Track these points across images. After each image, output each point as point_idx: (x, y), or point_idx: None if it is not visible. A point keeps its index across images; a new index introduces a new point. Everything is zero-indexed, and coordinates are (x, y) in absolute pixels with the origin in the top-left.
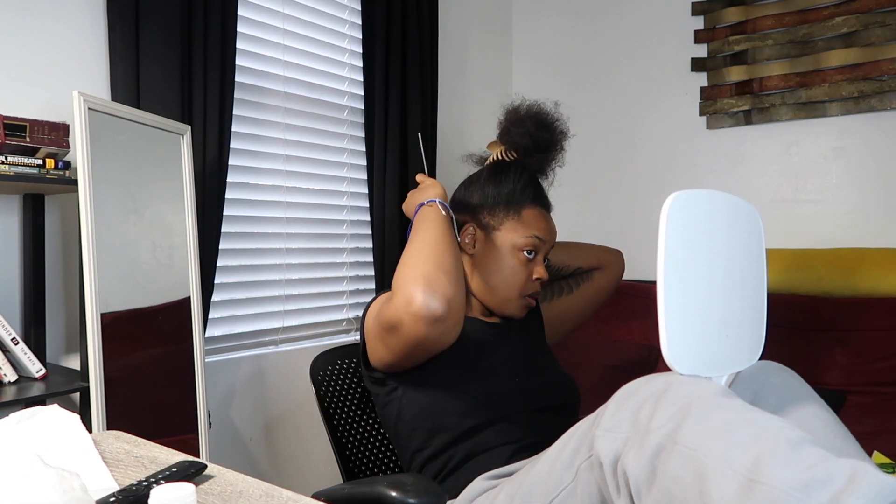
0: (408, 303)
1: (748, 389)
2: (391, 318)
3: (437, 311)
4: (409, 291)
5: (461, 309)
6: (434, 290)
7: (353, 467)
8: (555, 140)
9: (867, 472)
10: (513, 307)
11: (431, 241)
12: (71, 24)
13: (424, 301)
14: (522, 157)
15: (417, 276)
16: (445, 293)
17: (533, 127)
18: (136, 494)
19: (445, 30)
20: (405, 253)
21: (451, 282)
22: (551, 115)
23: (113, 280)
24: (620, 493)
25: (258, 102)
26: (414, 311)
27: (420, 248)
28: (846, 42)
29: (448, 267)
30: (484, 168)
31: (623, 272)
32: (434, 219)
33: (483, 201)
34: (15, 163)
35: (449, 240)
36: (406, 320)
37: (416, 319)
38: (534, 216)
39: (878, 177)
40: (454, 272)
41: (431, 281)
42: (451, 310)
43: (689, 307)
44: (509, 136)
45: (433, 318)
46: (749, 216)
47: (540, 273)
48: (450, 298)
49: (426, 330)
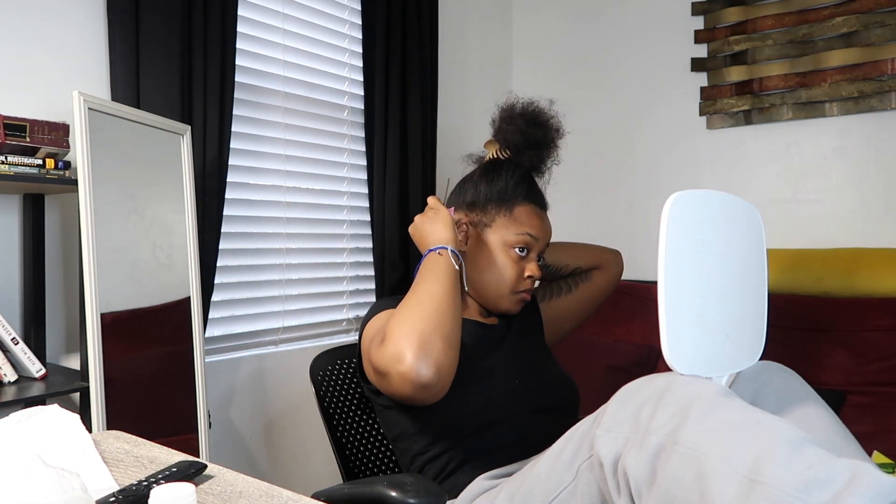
0: (398, 360)
1: (748, 390)
2: (380, 366)
3: (426, 378)
4: (401, 348)
5: (452, 374)
6: (426, 355)
7: (353, 467)
8: (548, 137)
9: (867, 472)
10: (506, 303)
11: (437, 297)
12: (71, 23)
13: (415, 365)
14: (515, 155)
15: (413, 333)
16: (437, 360)
17: (524, 124)
18: (136, 494)
19: (445, 30)
20: (407, 300)
21: (445, 348)
22: (545, 112)
23: (113, 280)
24: (621, 493)
25: (258, 102)
26: (402, 372)
27: (423, 302)
28: (846, 42)
29: (447, 331)
30: (478, 167)
31: (622, 272)
32: (444, 272)
33: (475, 199)
34: (15, 163)
35: (455, 299)
36: (394, 376)
37: (403, 380)
38: (526, 213)
39: (878, 177)
40: (452, 337)
41: (426, 344)
42: (441, 378)
43: (689, 307)
44: (502, 133)
45: (420, 385)
46: (749, 216)
47: (532, 270)
48: (440, 366)
49: (411, 392)
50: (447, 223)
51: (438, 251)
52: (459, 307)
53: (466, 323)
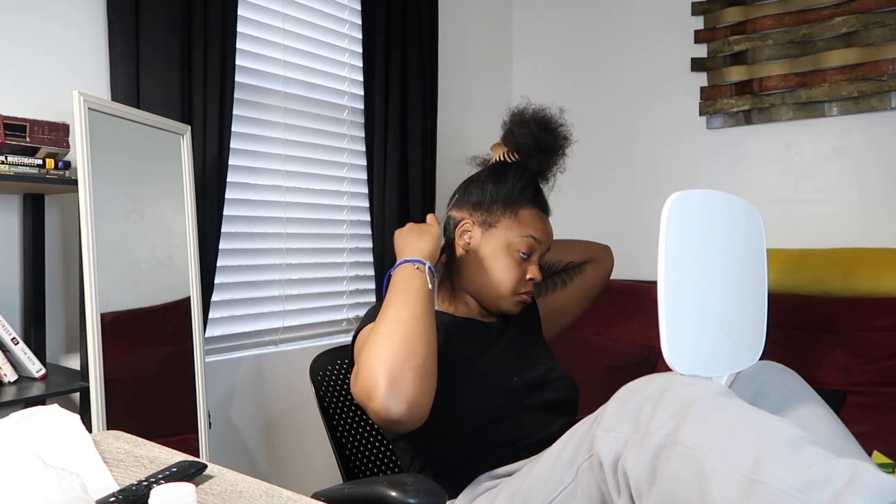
0: (368, 396)
1: (749, 390)
2: (357, 398)
3: (396, 414)
4: (371, 384)
5: (426, 404)
6: (397, 392)
7: (353, 467)
8: (557, 144)
9: (868, 472)
10: (506, 304)
11: (407, 324)
12: (71, 24)
13: (384, 402)
14: (524, 159)
15: (382, 367)
16: (408, 396)
17: (536, 129)
18: (136, 494)
19: (445, 29)
20: (378, 326)
21: (416, 380)
22: (555, 119)
23: (113, 280)
24: (621, 493)
25: (258, 102)
26: (373, 409)
27: (393, 331)
28: (846, 42)
29: (418, 361)
30: (485, 168)
31: (613, 265)
32: (416, 293)
33: (481, 199)
34: (15, 163)
35: (427, 324)
36: (368, 410)
37: (376, 415)
38: (531, 217)
39: (878, 177)
40: (424, 367)
41: (396, 378)
42: (413, 412)
43: (689, 307)
44: (512, 136)
45: (392, 420)
46: (750, 216)
47: (534, 273)
48: (411, 401)
49: (385, 426)
50: (435, 239)
51: (416, 265)
52: (432, 330)
53: (465, 322)
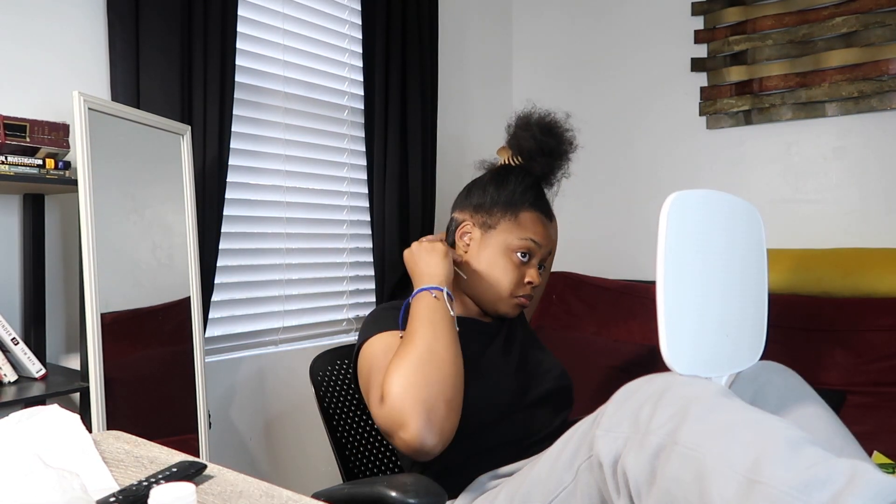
0: (401, 427)
1: (748, 390)
2: (382, 426)
3: (430, 446)
4: (404, 416)
5: (453, 435)
6: (431, 425)
7: (353, 467)
8: (562, 149)
9: (867, 472)
10: (503, 307)
11: (439, 355)
12: (71, 24)
13: (419, 435)
14: (527, 162)
15: (417, 400)
16: (442, 428)
17: (539, 132)
18: (136, 494)
19: (445, 30)
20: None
21: (449, 413)
22: (560, 124)
23: (113, 280)
24: (620, 493)
25: (258, 102)
26: (406, 440)
27: (426, 361)
28: (846, 42)
29: (450, 394)
30: (488, 171)
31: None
32: (442, 322)
33: (482, 201)
34: (15, 163)
35: (457, 354)
36: (396, 441)
37: (407, 447)
38: (531, 220)
39: (878, 177)
40: (455, 400)
41: (430, 412)
42: (444, 443)
43: (688, 307)
44: (516, 139)
45: (424, 452)
46: (750, 216)
47: (532, 277)
48: (445, 433)
49: (415, 454)
50: (444, 257)
51: (434, 294)
52: (461, 360)
53: (464, 322)
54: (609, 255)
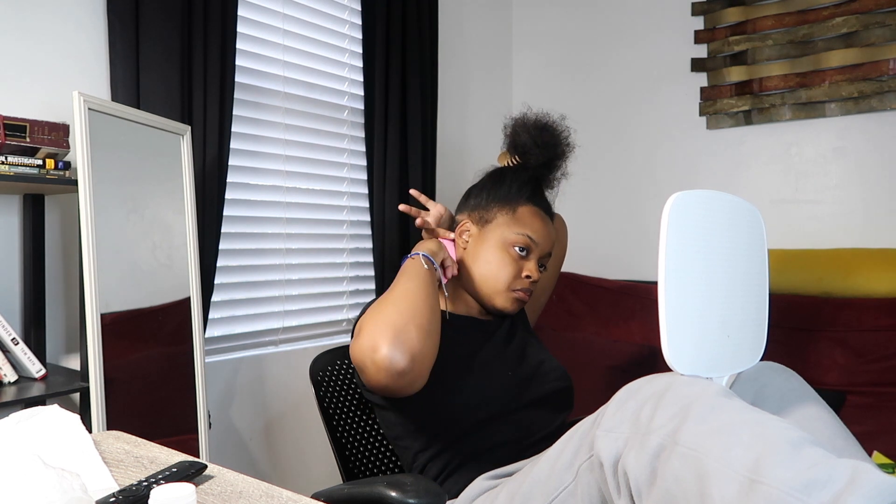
0: (372, 349)
1: (749, 390)
2: (356, 358)
3: (400, 364)
4: (374, 339)
5: (428, 363)
6: (401, 343)
7: (353, 467)
8: (559, 150)
9: (868, 473)
10: (501, 300)
11: (410, 291)
12: (71, 24)
13: (389, 353)
14: (523, 157)
15: (387, 325)
16: (412, 348)
17: (533, 127)
18: (136, 494)
19: (445, 29)
20: (380, 299)
21: (420, 336)
22: (557, 125)
23: (113, 280)
24: (621, 493)
25: (258, 102)
26: (377, 361)
27: (396, 298)
28: (846, 42)
29: (421, 321)
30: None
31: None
32: (416, 272)
33: (480, 199)
34: (15, 163)
35: (428, 292)
36: (369, 367)
37: (378, 369)
38: (528, 214)
39: (878, 177)
40: (427, 326)
41: (400, 333)
42: (416, 365)
43: (690, 308)
44: (512, 138)
45: (395, 372)
46: (751, 217)
47: (530, 271)
48: (415, 354)
49: (387, 381)
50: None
51: (412, 257)
52: (435, 301)
53: (462, 319)
54: (609, 255)
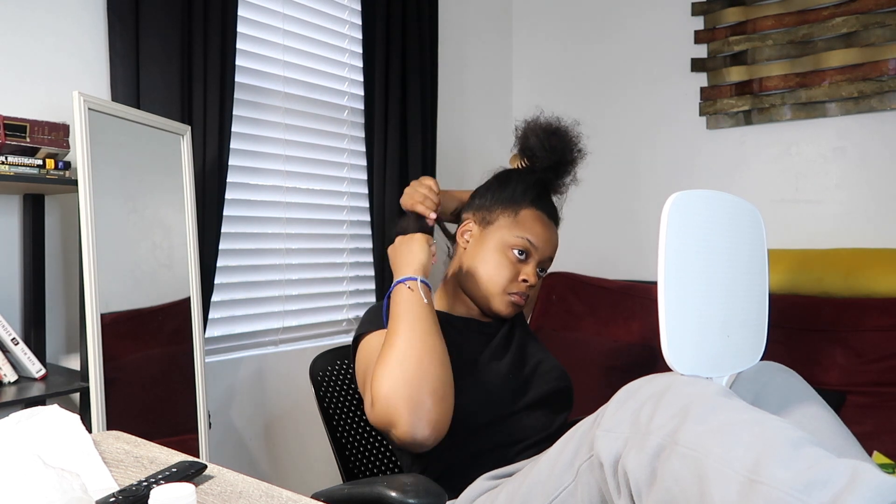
0: (391, 425)
1: (750, 390)
2: (376, 426)
3: (422, 437)
4: (391, 415)
5: (448, 418)
6: (419, 418)
7: (353, 467)
8: (566, 147)
9: (868, 473)
10: (497, 303)
11: (417, 347)
12: (71, 24)
13: (410, 429)
14: (531, 160)
15: (399, 398)
16: (430, 420)
17: (543, 131)
18: (136, 494)
19: (445, 30)
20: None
21: (435, 402)
22: (567, 129)
23: (113, 280)
24: (621, 493)
25: (258, 102)
26: (399, 435)
27: (405, 359)
28: (846, 42)
29: (434, 384)
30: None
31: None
32: (418, 313)
33: (484, 201)
34: (15, 163)
35: (436, 342)
36: (392, 438)
37: (401, 443)
38: (531, 218)
39: (879, 177)
40: (441, 389)
41: (418, 407)
42: (437, 432)
43: (689, 308)
44: (522, 139)
45: (418, 444)
46: (751, 217)
47: (528, 275)
48: (434, 423)
49: (413, 447)
50: (421, 244)
51: (408, 285)
52: (442, 347)
53: (462, 321)
54: (609, 255)
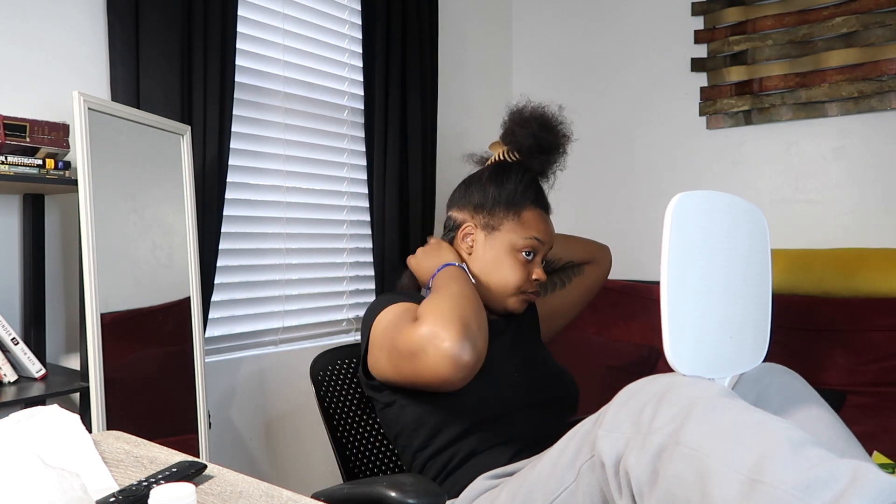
0: (439, 338)
1: (752, 391)
2: (413, 345)
3: (467, 359)
4: (442, 329)
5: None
6: (468, 338)
7: (353, 467)
8: (557, 143)
9: (869, 473)
10: (511, 304)
11: (466, 295)
12: (71, 24)
13: (459, 346)
14: (525, 159)
15: (455, 318)
16: (476, 344)
17: (537, 128)
18: (136, 494)
19: (445, 30)
20: (437, 295)
21: (481, 334)
22: (555, 117)
23: (113, 280)
24: (622, 493)
25: (258, 102)
26: (443, 350)
27: (456, 295)
28: (846, 42)
29: (482, 322)
30: (485, 168)
31: (611, 266)
32: (464, 279)
33: (483, 201)
34: (15, 163)
35: (478, 300)
36: (431, 355)
37: (442, 358)
38: (534, 218)
39: (878, 177)
40: (484, 327)
41: (469, 328)
42: (478, 363)
43: (692, 308)
44: (513, 136)
45: (460, 365)
46: (753, 218)
47: (538, 274)
48: (480, 352)
49: (448, 373)
50: (450, 251)
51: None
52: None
53: None
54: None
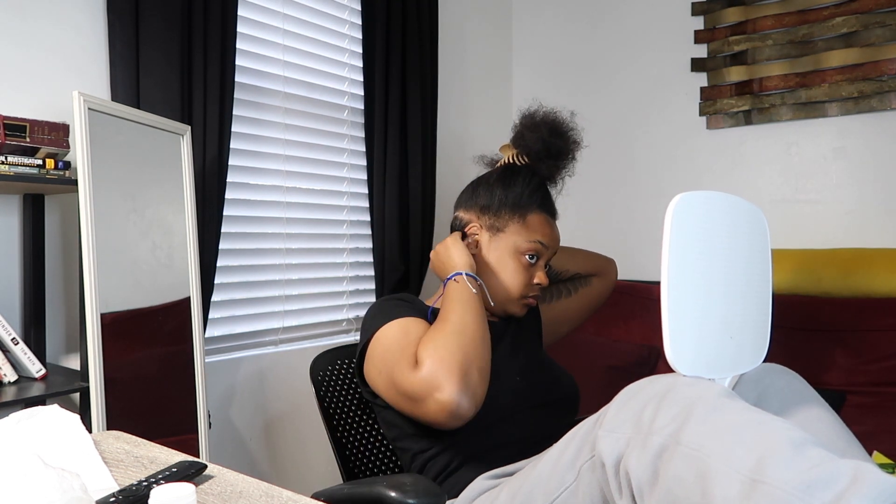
0: (437, 388)
1: (752, 392)
2: (412, 391)
3: (465, 410)
4: (440, 377)
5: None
6: (467, 388)
7: (353, 467)
8: (567, 148)
9: (870, 473)
10: (513, 307)
11: (470, 327)
12: (71, 24)
13: (457, 398)
14: (533, 163)
15: (455, 364)
16: (476, 395)
17: (547, 133)
18: (136, 494)
19: (445, 29)
20: (441, 327)
21: (482, 382)
22: (566, 123)
23: (113, 280)
24: (623, 493)
25: (258, 102)
26: (441, 401)
27: (458, 331)
28: (846, 42)
29: (482, 364)
30: (494, 170)
31: (616, 279)
32: (469, 300)
33: (489, 202)
34: (15, 163)
35: (486, 329)
36: (430, 404)
37: (441, 409)
38: (539, 222)
39: (878, 177)
40: (485, 370)
41: (467, 377)
42: (474, 408)
43: (692, 308)
44: (523, 140)
45: (458, 416)
46: (754, 218)
47: (541, 279)
48: (478, 400)
49: (444, 421)
50: (460, 247)
51: (455, 279)
52: (488, 336)
53: None
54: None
